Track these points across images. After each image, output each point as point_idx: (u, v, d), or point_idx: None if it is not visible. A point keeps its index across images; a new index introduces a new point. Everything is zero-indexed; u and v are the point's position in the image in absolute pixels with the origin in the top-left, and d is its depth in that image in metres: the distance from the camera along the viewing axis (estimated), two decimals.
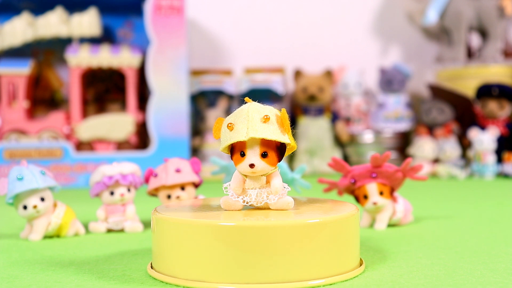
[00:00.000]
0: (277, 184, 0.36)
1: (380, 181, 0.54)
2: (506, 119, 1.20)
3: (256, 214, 0.36)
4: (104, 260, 0.43)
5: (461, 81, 1.31)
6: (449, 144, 1.17)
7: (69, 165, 1.06)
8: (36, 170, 0.51)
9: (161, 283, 0.35)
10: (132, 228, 0.55)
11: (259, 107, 0.36)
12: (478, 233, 0.52)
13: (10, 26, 1.09)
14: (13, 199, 0.50)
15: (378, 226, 0.55)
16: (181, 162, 0.56)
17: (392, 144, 1.28)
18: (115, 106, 1.17)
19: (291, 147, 0.36)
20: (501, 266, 0.39)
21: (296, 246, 0.33)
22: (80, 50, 1.09)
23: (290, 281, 0.33)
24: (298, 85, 1.25)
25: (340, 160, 0.54)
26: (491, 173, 1.13)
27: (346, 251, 0.36)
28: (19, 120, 1.09)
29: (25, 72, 1.09)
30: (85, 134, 1.10)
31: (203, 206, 0.40)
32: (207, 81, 1.21)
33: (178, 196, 0.55)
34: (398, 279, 0.35)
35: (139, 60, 1.12)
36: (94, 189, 0.55)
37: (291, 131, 0.36)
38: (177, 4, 1.09)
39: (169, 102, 1.09)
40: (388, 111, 1.31)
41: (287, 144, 0.36)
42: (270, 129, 0.35)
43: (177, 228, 0.35)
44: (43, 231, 0.51)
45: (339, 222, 0.35)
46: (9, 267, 0.41)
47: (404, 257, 0.42)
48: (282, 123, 0.36)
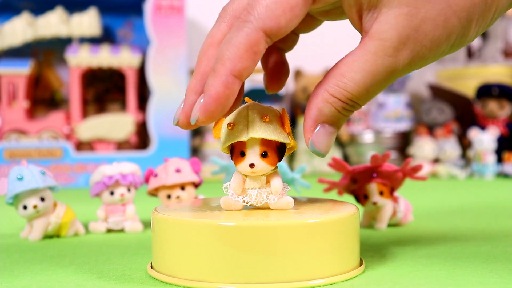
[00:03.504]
0: (277, 184, 0.36)
1: (380, 181, 0.54)
2: (506, 119, 1.20)
3: (256, 214, 0.36)
4: (104, 260, 0.43)
5: (461, 81, 1.31)
6: (449, 144, 1.17)
7: (69, 165, 1.06)
8: (36, 170, 0.51)
9: (161, 283, 0.35)
10: (132, 228, 0.55)
11: (259, 107, 0.36)
12: (478, 233, 0.52)
13: (10, 26, 1.09)
14: (13, 199, 0.50)
15: (378, 226, 0.55)
16: (181, 162, 0.56)
17: (392, 144, 1.28)
18: (115, 106, 1.17)
19: (291, 147, 0.36)
20: (501, 266, 0.39)
21: (296, 246, 0.33)
22: (80, 50, 1.09)
23: (290, 281, 0.33)
24: (298, 85, 1.25)
25: (340, 160, 0.54)
26: (491, 173, 1.13)
27: (346, 251, 0.36)
28: (19, 120, 1.09)
29: (25, 72, 1.09)
30: (85, 134, 1.10)
31: (203, 206, 0.40)
32: None
33: (178, 196, 0.55)
34: (398, 279, 0.35)
35: (139, 60, 1.12)
36: (94, 189, 0.55)
37: (291, 131, 0.36)
38: (177, 4, 1.09)
39: (169, 102, 1.09)
40: (388, 111, 1.31)
41: (287, 144, 0.36)
42: (270, 129, 0.35)
43: (177, 228, 0.35)
44: (43, 231, 0.51)
45: (339, 222, 0.35)
46: (9, 267, 0.41)
47: (404, 257, 0.42)
48: (282, 123, 0.35)
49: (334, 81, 0.33)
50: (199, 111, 0.33)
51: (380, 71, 0.32)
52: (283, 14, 0.31)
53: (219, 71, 0.32)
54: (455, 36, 0.33)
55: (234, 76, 0.32)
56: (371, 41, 0.32)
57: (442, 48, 0.33)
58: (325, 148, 0.34)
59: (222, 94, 0.32)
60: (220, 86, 0.32)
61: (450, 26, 0.32)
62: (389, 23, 0.32)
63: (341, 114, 0.33)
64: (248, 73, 0.32)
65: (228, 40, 0.32)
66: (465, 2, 0.32)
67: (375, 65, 0.32)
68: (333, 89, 0.33)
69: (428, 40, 0.32)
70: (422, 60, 0.33)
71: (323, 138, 0.34)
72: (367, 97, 0.33)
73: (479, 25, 0.33)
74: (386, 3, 0.32)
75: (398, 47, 0.32)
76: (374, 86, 0.33)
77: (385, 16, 0.32)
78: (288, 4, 0.31)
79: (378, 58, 0.32)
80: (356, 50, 0.33)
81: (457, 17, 0.32)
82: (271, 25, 0.31)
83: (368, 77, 0.32)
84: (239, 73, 0.32)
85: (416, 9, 0.31)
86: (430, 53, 0.33)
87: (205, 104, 0.32)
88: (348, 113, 0.34)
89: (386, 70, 0.32)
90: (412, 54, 0.32)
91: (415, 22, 0.32)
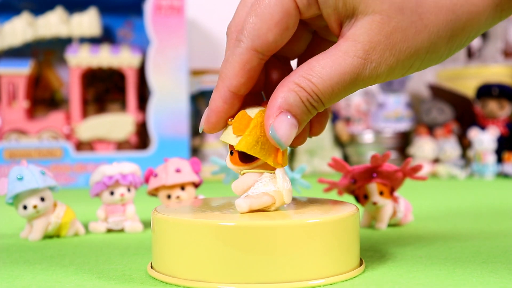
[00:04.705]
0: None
1: (380, 181, 0.54)
2: (506, 119, 1.20)
3: (256, 214, 0.36)
4: (104, 260, 0.43)
5: (461, 81, 1.31)
6: (449, 144, 1.17)
7: (69, 165, 1.06)
8: (36, 170, 0.51)
9: (161, 283, 0.35)
10: (132, 228, 0.55)
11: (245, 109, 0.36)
12: (478, 233, 0.52)
13: (10, 26, 1.09)
14: (13, 199, 0.50)
15: (378, 226, 0.55)
16: (181, 162, 0.56)
17: (392, 144, 1.28)
18: (115, 106, 1.18)
19: (241, 147, 0.35)
20: (501, 266, 0.39)
21: (296, 246, 0.33)
22: (80, 50, 1.09)
23: (290, 281, 0.33)
24: None
25: (340, 160, 0.54)
26: (491, 173, 1.13)
27: (346, 251, 0.36)
28: (19, 120, 1.09)
29: (25, 72, 1.09)
30: (85, 134, 1.10)
31: (203, 206, 0.40)
32: (207, 81, 1.21)
33: (178, 196, 0.55)
34: (398, 279, 0.35)
35: (139, 60, 1.12)
36: (94, 189, 0.55)
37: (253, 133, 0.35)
38: (177, 4, 1.09)
39: (169, 102, 1.09)
40: (388, 111, 1.31)
41: (236, 145, 0.36)
42: (228, 131, 0.36)
43: (177, 228, 0.35)
44: (43, 231, 0.51)
45: (339, 222, 0.35)
46: (9, 267, 0.41)
47: (404, 257, 0.42)
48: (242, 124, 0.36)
49: (302, 73, 0.34)
50: (203, 122, 0.37)
51: (347, 71, 0.33)
52: (269, 31, 0.33)
53: (218, 87, 0.35)
54: (425, 50, 0.33)
55: (232, 92, 0.35)
56: (344, 42, 0.33)
57: (411, 61, 0.33)
58: (286, 136, 0.34)
59: (221, 108, 0.36)
60: (219, 101, 0.35)
61: (419, 39, 0.33)
62: (363, 27, 0.33)
63: (305, 106, 0.34)
64: (246, 87, 0.35)
65: (226, 58, 0.35)
66: (437, 19, 0.32)
67: (343, 63, 0.33)
68: (300, 79, 0.33)
69: (397, 50, 0.33)
70: (389, 69, 0.33)
71: (285, 126, 0.34)
72: (331, 96, 0.34)
73: (452, 43, 0.34)
74: (362, 10, 0.33)
75: (368, 50, 0.33)
76: (340, 85, 0.33)
77: (360, 22, 0.33)
78: (272, 20, 0.33)
79: (347, 57, 0.33)
80: (329, 49, 0.34)
81: (427, 31, 0.33)
82: (260, 43, 0.33)
83: (335, 74, 0.33)
84: (236, 89, 0.35)
85: (388, 18, 0.32)
86: (397, 63, 0.33)
87: (207, 117, 0.36)
88: (312, 109, 0.34)
89: (353, 70, 0.33)
90: (380, 59, 0.33)
91: (386, 30, 0.32)
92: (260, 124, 0.35)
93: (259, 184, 0.36)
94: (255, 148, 0.35)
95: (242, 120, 0.36)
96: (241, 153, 0.36)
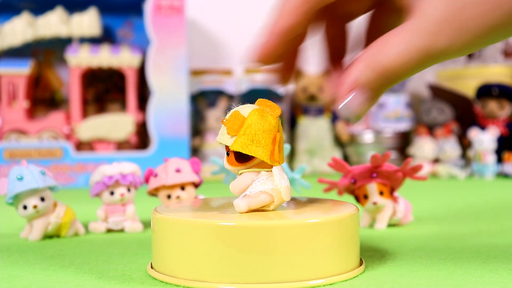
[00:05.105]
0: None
1: (380, 181, 0.54)
2: (506, 119, 1.20)
3: (256, 214, 0.36)
4: (104, 260, 0.43)
5: (461, 81, 1.31)
6: (449, 144, 1.17)
7: (69, 165, 1.06)
8: (36, 170, 0.51)
9: (161, 283, 0.35)
10: (132, 228, 0.55)
11: (238, 108, 0.36)
12: (478, 233, 0.52)
13: (10, 26, 1.09)
14: (13, 199, 0.50)
15: (378, 226, 0.55)
16: (181, 162, 0.56)
17: (392, 144, 1.28)
18: (115, 106, 1.18)
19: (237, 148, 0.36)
20: (501, 266, 0.39)
21: (296, 246, 0.33)
22: (80, 50, 1.09)
23: (290, 281, 0.33)
24: (298, 85, 1.25)
25: (340, 160, 0.54)
26: (491, 173, 1.13)
27: (346, 251, 0.36)
28: (19, 120, 1.09)
29: (25, 72, 1.09)
30: (85, 134, 1.10)
31: (203, 206, 0.40)
32: (207, 81, 1.21)
33: (178, 196, 0.55)
34: (398, 279, 0.35)
35: (139, 60, 1.12)
36: (94, 189, 0.55)
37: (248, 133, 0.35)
38: (177, 4, 1.09)
39: (169, 102, 1.09)
40: (388, 111, 1.31)
41: (231, 146, 0.36)
42: (222, 131, 0.36)
43: (177, 228, 0.35)
44: (43, 231, 0.51)
45: (339, 222, 0.35)
46: (9, 267, 0.41)
47: (404, 257, 0.42)
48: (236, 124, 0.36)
49: (376, 49, 0.34)
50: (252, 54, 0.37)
51: (420, 48, 0.32)
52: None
53: (269, 25, 0.36)
54: (500, 26, 0.32)
55: (281, 29, 0.35)
56: (413, 19, 0.33)
57: (484, 38, 0.32)
58: (359, 110, 0.34)
59: (268, 42, 0.36)
60: (268, 35, 0.36)
61: (496, 15, 0.31)
62: (433, 2, 0.32)
63: (379, 82, 0.34)
64: (295, 30, 0.35)
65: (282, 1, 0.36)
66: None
67: (415, 41, 0.32)
68: (373, 57, 0.34)
69: (471, 27, 0.32)
70: (461, 46, 0.32)
71: (359, 100, 0.34)
72: (405, 72, 0.33)
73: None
74: None
75: (440, 26, 0.32)
76: (413, 62, 0.33)
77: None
78: None
79: (420, 34, 0.32)
80: (401, 26, 0.34)
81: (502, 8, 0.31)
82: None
83: (408, 52, 0.33)
84: (285, 27, 0.35)
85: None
86: (471, 39, 0.32)
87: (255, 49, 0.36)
88: (385, 85, 0.34)
89: (426, 47, 0.32)
90: (454, 36, 0.32)
91: (460, 4, 0.31)
92: (254, 123, 0.35)
93: (256, 183, 0.36)
94: (250, 147, 0.35)
95: (235, 120, 0.35)
96: (237, 153, 0.36)
